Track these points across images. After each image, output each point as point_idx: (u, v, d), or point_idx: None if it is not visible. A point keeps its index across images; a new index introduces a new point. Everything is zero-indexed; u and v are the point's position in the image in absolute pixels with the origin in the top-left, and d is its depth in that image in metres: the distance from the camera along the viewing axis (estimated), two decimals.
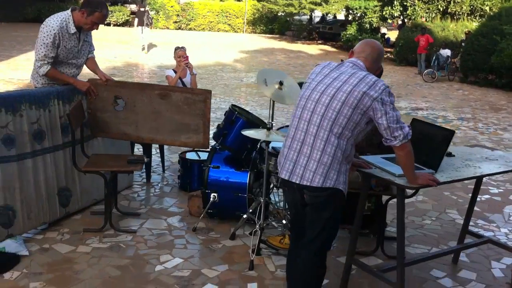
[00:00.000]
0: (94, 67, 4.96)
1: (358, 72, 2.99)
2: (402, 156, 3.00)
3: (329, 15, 33.97)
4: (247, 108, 10.94)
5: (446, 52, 18.67)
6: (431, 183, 3.15)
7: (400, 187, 3.16)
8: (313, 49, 28.35)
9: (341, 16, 33.44)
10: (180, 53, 6.41)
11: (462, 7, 22.80)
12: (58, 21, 4.49)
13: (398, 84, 16.92)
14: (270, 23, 36.03)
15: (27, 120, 4.23)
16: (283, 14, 32.93)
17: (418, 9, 23.29)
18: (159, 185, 5.83)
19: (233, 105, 4.75)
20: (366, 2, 24.80)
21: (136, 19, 22.63)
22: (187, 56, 6.39)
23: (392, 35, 32.85)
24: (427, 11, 23.37)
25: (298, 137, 3.03)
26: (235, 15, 36.03)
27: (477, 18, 22.94)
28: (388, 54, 26.49)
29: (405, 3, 23.54)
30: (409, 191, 3.63)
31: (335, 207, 3.07)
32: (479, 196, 5.68)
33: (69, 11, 4.60)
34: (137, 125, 4.92)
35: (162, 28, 34.38)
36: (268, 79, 4.94)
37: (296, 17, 33.61)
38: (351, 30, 26.13)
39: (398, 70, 20.89)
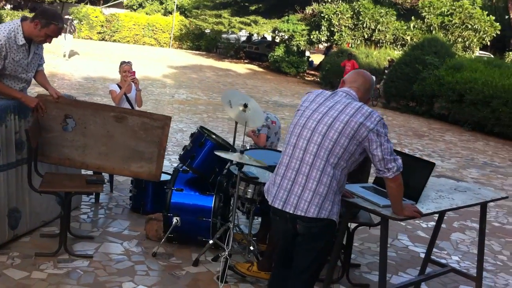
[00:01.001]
0: (44, 81, 4.63)
1: (353, 102, 3.01)
2: (393, 188, 3.03)
3: (255, 35, 34.43)
4: (181, 126, 10.82)
5: None
6: (416, 214, 3.21)
7: (386, 218, 3.19)
8: (241, 68, 28.53)
9: (268, 36, 33.98)
10: (125, 68, 6.18)
11: (386, 36, 23.83)
12: (6, 31, 4.14)
13: None
14: (197, 39, 35.95)
15: None
16: (210, 32, 32.96)
17: (345, 35, 24.08)
18: (109, 205, 5.57)
19: (201, 127, 4.64)
20: (294, 26, 25.31)
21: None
22: (134, 71, 6.17)
23: (315, 58, 33.86)
24: (353, 37, 24.21)
25: (293, 166, 2.99)
26: (161, 29, 35.63)
27: (398, 47, 24.05)
28: (313, 77, 27.22)
29: (332, 29, 24.26)
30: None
31: (328, 237, 3.05)
32: (425, 223, 5.90)
33: (18, 21, 4.26)
34: (85, 149, 4.59)
35: (85, 38, 33.37)
36: (233, 101, 4.90)
37: (224, 36, 33.76)
38: (279, 51, 26.56)
39: None
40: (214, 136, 4.61)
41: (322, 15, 24.43)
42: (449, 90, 16.40)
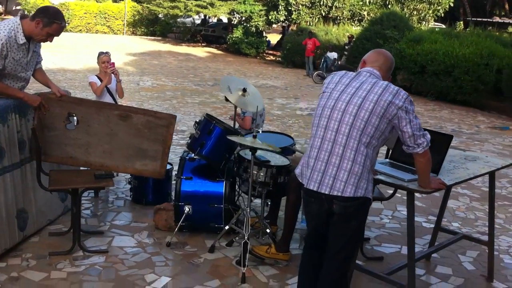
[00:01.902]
0: (45, 79, 4.49)
1: (379, 81, 3.04)
2: (422, 163, 3.09)
3: (211, 18, 34.15)
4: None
5: (333, 54, 19.59)
6: (441, 186, 3.30)
7: (414, 192, 3.27)
8: (200, 51, 28.29)
9: (224, 18, 33.74)
10: (104, 59, 5.99)
11: (343, 12, 24.06)
12: (6, 30, 3.98)
13: (292, 86, 17.43)
14: (151, 25, 35.36)
15: None
16: (164, 16, 32.47)
17: (303, 14, 24.17)
18: (110, 199, 5.49)
19: (207, 114, 4.61)
20: (251, 6, 25.24)
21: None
22: (113, 62, 6.00)
23: (271, 37, 33.83)
24: (310, 15, 24.32)
25: (325, 147, 3.01)
26: (114, 16, 34.88)
27: (356, 22, 24.32)
28: (274, 57, 27.26)
29: (289, 8, 24.30)
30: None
31: (363, 216, 3.11)
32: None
33: (17, 19, 4.09)
34: (88, 148, 4.47)
35: None
36: (232, 86, 4.90)
37: (180, 20, 33.33)
38: (237, 33, 26.47)
39: (287, 73, 21.51)
40: (220, 123, 4.58)
41: None
42: (411, 62, 16.71)
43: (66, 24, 4.38)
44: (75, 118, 4.41)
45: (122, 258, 4.21)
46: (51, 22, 4.03)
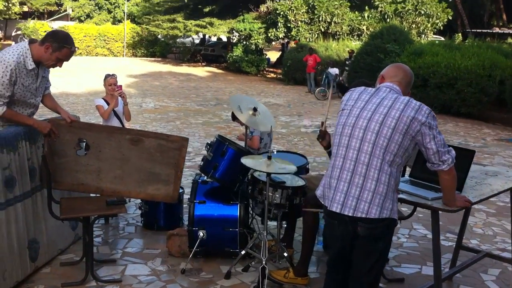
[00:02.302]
0: (54, 105, 4.43)
1: (400, 96, 2.97)
2: (448, 180, 3.00)
3: (211, 37, 34.29)
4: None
5: (335, 70, 19.57)
6: (467, 204, 3.21)
7: (439, 210, 3.18)
8: (200, 71, 28.33)
9: (223, 37, 33.86)
10: (111, 81, 5.92)
11: (342, 28, 24.11)
12: (15, 55, 3.91)
13: (294, 103, 17.38)
14: (151, 46, 35.49)
15: None
16: (163, 37, 32.60)
17: (302, 30, 24.23)
18: (120, 225, 5.38)
19: (219, 135, 4.53)
20: (250, 24, 25.31)
21: (13, 43, 21.25)
22: (120, 85, 5.92)
23: (270, 55, 33.92)
24: (310, 32, 24.38)
25: (347, 167, 2.92)
26: (113, 38, 35.04)
27: (355, 37, 24.37)
28: (274, 75, 27.29)
29: (288, 25, 24.37)
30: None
31: (389, 237, 3.01)
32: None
33: (26, 44, 4.04)
34: (100, 174, 4.39)
35: None
36: (242, 106, 4.82)
37: (179, 40, 33.45)
38: (237, 51, 26.52)
39: (289, 90, 21.49)
40: (233, 144, 4.50)
41: (277, 12, 24.50)
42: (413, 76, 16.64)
43: (76, 48, 4.34)
44: (86, 144, 4.33)
45: (137, 287, 4.09)
46: (61, 47, 3.98)
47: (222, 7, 27.93)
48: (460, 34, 28.69)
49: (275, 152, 4.63)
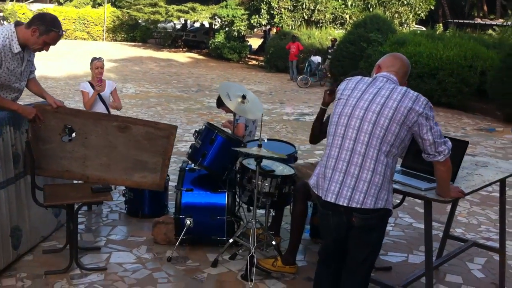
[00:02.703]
0: (39, 89, 4.29)
1: (397, 87, 2.92)
2: (443, 171, 2.98)
3: (194, 22, 33.93)
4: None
5: (317, 58, 19.55)
6: (460, 195, 3.20)
7: (433, 201, 3.15)
8: (181, 57, 28.05)
9: (205, 23, 33.55)
10: (98, 64, 5.82)
11: (325, 15, 24.06)
12: (1, 38, 3.77)
13: (276, 91, 17.32)
14: (131, 30, 35.00)
15: None
16: (144, 22, 32.16)
17: (285, 17, 24.11)
18: (104, 212, 5.29)
19: (208, 123, 4.45)
20: (233, 11, 25.10)
21: None
22: (101, 79, 5.78)
23: (252, 42, 33.72)
24: (293, 19, 24.27)
25: (343, 157, 2.87)
26: (93, 22, 34.45)
27: (338, 26, 24.34)
28: (256, 62, 27.17)
29: (272, 12, 24.22)
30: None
31: (384, 227, 2.99)
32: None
33: (12, 26, 3.88)
34: (85, 161, 4.29)
35: None
36: (231, 93, 4.75)
37: (160, 25, 33.05)
38: (219, 37, 26.30)
39: (271, 77, 21.41)
40: (221, 131, 4.43)
41: None
42: None
43: (63, 32, 4.20)
44: (72, 130, 4.22)
45: (122, 276, 4.02)
46: (49, 30, 3.84)
47: None
48: (441, 25, 28.84)
49: (265, 141, 4.57)
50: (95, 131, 4.26)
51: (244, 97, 4.75)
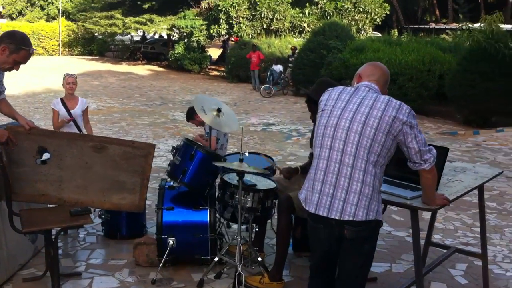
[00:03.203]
0: (10, 111, 4.16)
1: (380, 96, 2.94)
2: (429, 179, 3.01)
3: (150, 34, 33.66)
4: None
5: (279, 67, 19.64)
6: (446, 202, 3.24)
7: (420, 210, 3.19)
8: (141, 69, 27.75)
9: (164, 34, 33.31)
10: (70, 80, 5.84)
11: (284, 24, 24.22)
12: None
13: (240, 101, 17.31)
14: (87, 44, 34.46)
15: None
16: (101, 35, 31.71)
17: (244, 27, 24.17)
18: (80, 235, 5.15)
19: (186, 138, 4.40)
20: (192, 21, 25.00)
21: None
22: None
23: (211, 52, 33.67)
24: (252, 28, 24.35)
25: (332, 169, 2.87)
26: (48, 37, 33.77)
27: (297, 34, 24.56)
28: (218, 72, 27.13)
29: (230, 21, 24.25)
30: None
31: (375, 238, 2.99)
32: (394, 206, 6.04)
33: None
34: (61, 183, 4.15)
35: None
36: (205, 106, 4.71)
37: (118, 37, 32.64)
38: (179, 49, 26.14)
39: (233, 87, 21.40)
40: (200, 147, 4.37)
41: (219, 8, 24.32)
42: (355, 72, 16.80)
43: (34, 50, 4.08)
44: (47, 152, 4.09)
45: None
46: (19, 49, 3.73)
47: (162, 3, 27.41)
48: (396, 30, 29.46)
49: (247, 155, 4.54)
50: (70, 152, 4.14)
51: (219, 110, 4.71)
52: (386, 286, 4.18)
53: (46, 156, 4.08)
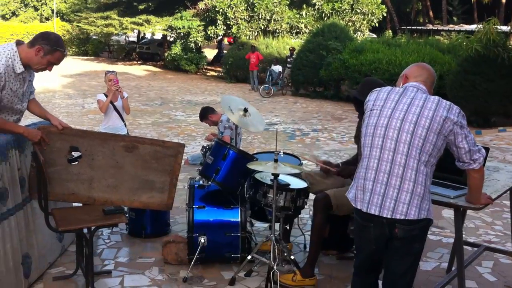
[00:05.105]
0: (41, 111, 4.13)
1: (430, 96, 2.96)
2: (477, 179, 3.03)
3: (154, 34, 33.59)
4: None
5: (278, 68, 19.68)
6: (489, 201, 3.26)
7: (466, 209, 3.21)
8: (137, 69, 27.68)
9: (159, 35, 33.23)
10: (111, 77, 6.37)
11: (281, 25, 24.27)
12: (3, 58, 3.61)
13: None
14: (82, 44, 34.30)
15: None
16: (97, 35, 31.58)
17: (242, 28, 24.18)
18: (105, 234, 5.13)
19: (218, 138, 4.39)
20: (189, 22, 24.98)
21: None
22: (117, 80, 6.35)
23: (206, 52, 33.64)
24: (250, 29, 24.37)
25: (383, 169, 2.88)
26: None
27: (294, 35, 24.61)
28: (215, 73, 27.11)
29: (228, 22, 24.25)
30: None
31: (425, 237, 3.01)
32: None
33: (13, 46, 3.73)
34: (92, 183, 4.13)
35: None
36: (232, 106, 4.73)
37: (114, 38, 32.53)
38: (176, 49, 26.10)
39: (232, 88, 21.41)
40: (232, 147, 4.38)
41: (216, 9, 24.31)
42: (355, 72, 17.00)
43: (67, 52, 4.06)
44: (79, 152, 4.07)
45: None
46: (54, 50, 3.71)
47: (158, 4, 27.38)
48: (390, 31, 29.57)
49: (281, 155, 4.53)
50: (101, 152, 4.12)
51: (245, 110, 4.72)
52: (416, 284, 4.19)
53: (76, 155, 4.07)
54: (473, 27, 19.93)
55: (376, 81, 4.12)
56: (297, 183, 4.30)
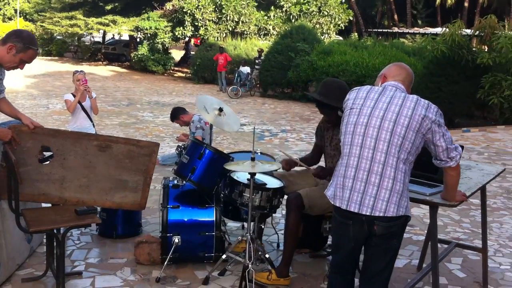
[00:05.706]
0: (13, 110, 4.01)
1: (408, 95, 3.00)
2: (454, 177, 3.07)
3: (121, 36, 33.20)
4: None
5: (246, 69, 19.68)
6: (464, 198, 3.31)
7: (440, 206, 3.25)
8: (103, 70, 27.29)
9: (125, 35, 32.87)
10: (79, 77, 6.38)
11: (249, 27, 24.30)
12: None
13: None
14: (46, 44, 33.63)
15: None
16: (62, 35, 31.04)
17: (210, 29, 24.11)
18: (74, 235, 5.02)
19: (195, 138, 4.35)
20: (156, 23, 24.77)
21: None
22: (86, 80, 6.31)
23: (173, 54, 33.44)
24: (218, 31, 24.32)
25: (363, 166, 2.90)
26: None
27: (262, 36, 24.67)
28: (182, 74, 26.95)
29: (196, 24, 24.15)
30: None
31: (402, 234, 3.04)
32: None
33: None
34: (63, 183, 4.04)
35: None
36: (207, 106, 4.70)
37: (83, 39, 32.03)
38: (143, 50, 25.85)
39: (199, 89, 21.32)
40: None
41: (184, 10, 24.18)
42: (323, 74, 17.09)
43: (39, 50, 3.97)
44: (50, 152, 3.98)
45: None
46: (27, 48, 3.61)
47: (125, 4, 27.08)
48: (356, 34, 29.96)
49: (259, 154, 4.52)
50: (74, 151, 4.04)
51: (221, 109, 4.70)
52: (391, 282, 4.23)
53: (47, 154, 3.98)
54: (437, 30, 20.41)
55: (336, 81, 4.17)
56: (273, 183, 4.29)
